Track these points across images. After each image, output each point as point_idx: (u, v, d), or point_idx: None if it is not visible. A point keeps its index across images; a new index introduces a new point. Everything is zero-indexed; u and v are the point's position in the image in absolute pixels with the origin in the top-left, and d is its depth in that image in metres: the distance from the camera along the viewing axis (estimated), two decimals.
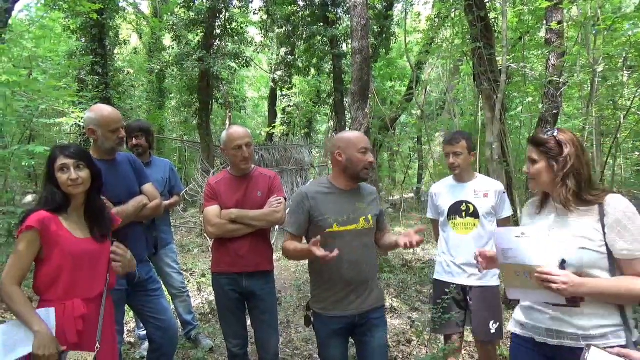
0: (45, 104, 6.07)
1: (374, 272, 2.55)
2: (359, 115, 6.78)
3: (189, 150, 16.18)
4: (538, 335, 1.94)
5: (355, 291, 2.45)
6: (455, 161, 3.11)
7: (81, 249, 2.09)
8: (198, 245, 8.95)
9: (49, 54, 12.72)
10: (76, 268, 2.05)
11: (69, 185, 2.12)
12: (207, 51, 12.30)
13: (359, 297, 2.46)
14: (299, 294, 5.74)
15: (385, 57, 15.30)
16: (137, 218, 2.82)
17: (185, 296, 4.18)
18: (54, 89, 5.93)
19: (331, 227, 2.42)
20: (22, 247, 2.00)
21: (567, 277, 1.74)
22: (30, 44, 11.96)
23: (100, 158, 2.69)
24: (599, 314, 1.82)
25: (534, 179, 1.97)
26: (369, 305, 2.48)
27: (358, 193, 2.55)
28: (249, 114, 24.25)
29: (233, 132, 2.94)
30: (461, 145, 3.11)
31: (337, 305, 2.46)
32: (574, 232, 1.86)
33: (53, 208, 2.09)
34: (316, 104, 17.68)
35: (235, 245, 2.87)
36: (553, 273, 1.74)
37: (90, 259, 2.12)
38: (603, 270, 1.82)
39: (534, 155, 1.95)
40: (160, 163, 4.05)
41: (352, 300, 2.45)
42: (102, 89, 12.03)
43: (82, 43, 12.46)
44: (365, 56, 6.75)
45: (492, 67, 6.41)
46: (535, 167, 1.94)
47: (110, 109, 2.79)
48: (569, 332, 1.85)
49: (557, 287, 1.73)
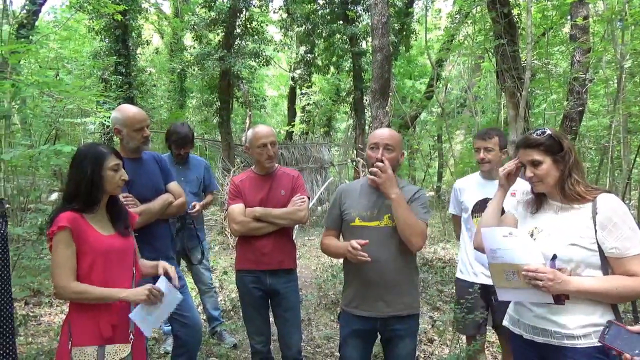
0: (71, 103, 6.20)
1: (404, 276, 2.44)
2: (379, 113, 6.77)
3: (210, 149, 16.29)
4: (525, 332, 1.95)
5: (377, 292, 2.40)
6: (486, 157, 3.06)
7: (109, 245, 2.13)
8: (219, 242, 9.04)
9: (74, 55, 13.01)
10: (106, 264, 2.10)
11: (118, 185, 2.18)
12: (228, 50, 12.38)
13: (382, 300, 2.39)
14: (320, 293, 5.75)
15: (405, 54, 15.20)
16: (163, 215, 2.87)
17: (212, 292, 4.24)
18: (80, 88, 6.05)
19: (353, 221, 2.44)
20: (62, 247, 2.03)
21: (553, 274, 1.74)
22: (56, 44, 12.22)
23: (127, 157, 2.73)
24: (583, 312, 1.81)
25: (540, 181, 1.93)
26: (394, 311, 2.40)
27: None
28: (269, 112, 24.30)
29: (259, 130, 2.97)
30: (494, 141, 3.06)
31: (360, 304, 2.44)
32: (566, 228, 1.86)
33: (85, 206, 2.11)
34: (335, 102, 17.65)
35: (259, 243, 2.90)
36: (539, 270, 1.75)
37: (117, 255, 2.16)
38: (594, 268, 1.82)
39: (536, 157, 1.91)
40: (197, 162, 4.11)
41: (373, 301, 2.40)
42: (126, 88, 12.20)
43: (106, 44, 12.66)
44: (386, 54, 6.72)
45: (515, 64, 6.32)
46: (541, 167, 1.91)
47: (136, 109, 2.85)
48: (552, 331, 1.85)
49: (543, 284, 1.74)
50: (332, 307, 5.20)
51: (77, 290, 2.02)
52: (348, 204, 2.50)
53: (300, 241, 9.19)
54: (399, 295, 2.41)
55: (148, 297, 2.07)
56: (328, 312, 5.11)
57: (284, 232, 2.97)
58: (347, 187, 2.65)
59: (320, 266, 7.19)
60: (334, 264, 6.87)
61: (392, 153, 2.41)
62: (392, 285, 2.40)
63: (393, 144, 2.41)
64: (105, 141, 12.36)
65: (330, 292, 5.69)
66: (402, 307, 2.41)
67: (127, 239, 2.24)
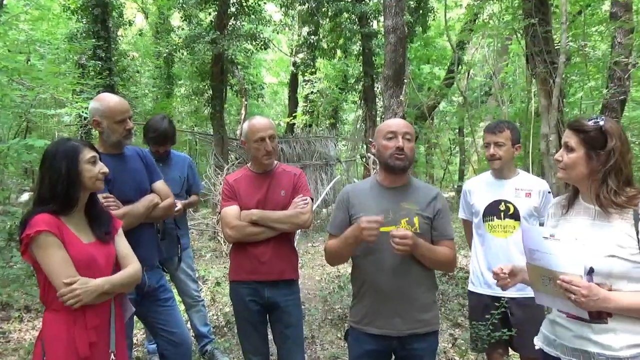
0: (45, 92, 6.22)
1: (424, 288, 2.45)
2: (392, 103, 6.76)
3: (200, 143, 16.35)
4: (563, 354, 1.94)
5: (392, 307, 2.39)
6: (496, 153, 3.06)
7: (89, 254, 2.14)
8: (211, 249, 9.05)
9: (47, 37, 13.05)
10: (86, 275, 2.10)
11: (97, 179, 2.20)
12: (221, 32, 12.39)
13: (398, 316, 2.38)
14: (325, 307, 5.75)
15: (422, 36, 15.16)
16: (148, 219, 2.87)
17: (200, 306, 4.24)
18: (54, 75, 6.07)
19: None
20: (54, 250, 2.05)
21: (588, 290, 1.73)
22: (26, 26, 12.26)
23: (107, 152, 2.75)
24: (630, 330, 1.79)
25: (565, 168, 1.95)
26: (411, 328, 2.39)
27: (406, 191, 2.49)
28: (267, 102, 24.36)
29: (256, 122, 2.97)
30: (505, 135, 3.06)
31: (372, 321, 2.43)
32: (604, 237, 1.85)
33: (60, 208, 2.12)
34: (343, 91, 17.64)
35: (256, 251, 2.90)
36: (574, 283, 1.74)
37: (98, 265, 2.17)
38: (636, 281, 1.80)
39: (571, 142, 1.92)
40: (179, 159, 4.10)
41: (388, 317, 2.39)
42: (105, 75, 12.25)
43: (83, 24, 12.70)
44: (400, 35, 6.71)
45: (548, 47, 6.29)
46: (571, 155, 1.92)
47: (117, 98, 2.86)
48: (595, 353, 1.83)
49: (575, 298, 1.73)
50: (339, 323, 5.20)
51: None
52: (357, 207, 2.48)
53: (303, 248, 9.20)
54: (418, 311, 2.40)
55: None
56: (334, 328, 5.11)
57: (285, 238, 2.97)
58: (355, 188, 2.63)
59: (326, 276, 7.19)
60: (341, 274, 6.87)
61: (411, 142, 2.44)
62: (411, 299, 2.39)
63: (411, 132, 2.45)
64: (82, 135, 12.42)
65: (336, 306, 5.69)
66: (421, 323, 2.41)
67: (108, 247, 2.25)
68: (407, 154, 2.41)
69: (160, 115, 4.06)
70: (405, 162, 2.41)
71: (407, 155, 2.41)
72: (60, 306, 2.08)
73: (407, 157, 2.41)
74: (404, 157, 2.40)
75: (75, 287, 2.02)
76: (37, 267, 2.10)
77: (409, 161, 2.43)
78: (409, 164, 2.45)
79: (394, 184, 2.49)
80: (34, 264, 2.11)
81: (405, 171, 2.48)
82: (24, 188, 11.55)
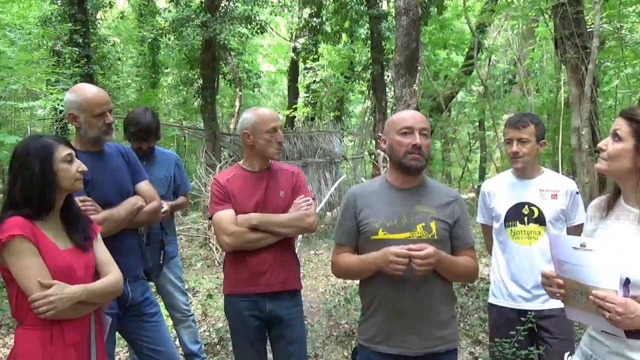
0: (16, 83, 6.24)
1: (443, 303, 2.44)
2: (404, 92, 6.76)
3: (190, 139, 16.38)
4: None
5: (408, 323, 2.38)
6: (520, 150, 3.04)
7: (67, 262, 2.15)
8: (202, 257, 9.07)
9: (18, 21, 13.08)
10: None
11: (76, 179, 2.21)
12: (212, 14, 12.39)
13: (413, 333, 2.37)
14: (330, 321, 5.76)
15: (437, 18, 15.15)
16: (131, 224, 2.87)
17: (190, 321, 4.24)
18: (26, 64, 6.09)
19: (376, 233, 2.40)
20: (27, 255, 2.05)
21: (624, 307, 1.72)
22: None
23: (85, 150, 2.75)
24: None
25: (607, 159, 1.94)
26: (429, 347, 2.37)
27: (421, 193, 2.48)
28: (264, 92, 24.39)
29: (265, 111, 3.02)
30: (529, 130, 3.04)
31: (385, 339, 2.42)
32: None
33: (35, 213, 2.12)
34: (349, 80, 17.66)
35: (256, 259, 2.89)
36: (608, 299, 1.73)
37: (76, 274, 2.17)
38: None
39: (621, 132, 1.91)
40: (164, 157, 4.09)
41: (403, 335, 2.38)
42: (83, 63, 12.29)
43: (58, 7, 12.75)
44: (413, 17, 6.71)
45: (579, 29, 6.27)
46: (617, 146, 1.91)
47: (95, 89, 2.86)
48: None
49: (610, 316, 1.73)
50: (345, 340, 5.20)
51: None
52: (367, 212, 2.46)
53: (305, 256, 9.20)
54: (436, 327, 2.39)
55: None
56: (340, 346, 5.11)
57: (286, 244, 2.98)
58: (362, 189, 2.62)
59: (331, 288, 7.19)
60: (347, 285, 6.87)
61: (428, 139, 2.44)
62: (428, 314, 2.38)
63: (428, 128, 2.45)
64: (57, 130, 12.47)
65: (342, 320, 5.69)
66: (440, 341, 2.40)
67: (87, 254, 2.26)
68: (424, 153, 2.39)
69: (142, 108, 4.05)
70: (423, 161, 2.40)
71: (424, 154, 2.40)
72: (35, 321, 2.08)
73: (424, 157, 2.40)
74: (421, 156, 2.39)
75: (48, 293, 2.01)
76: (8, 278, 2.10)
77: (426, 160, 2.42)
78: (426, 164, 2.44)
79: (407, 185, 2.48)
80: (4, 273, 2.11)
81: (422, 171, 2.47)
82: None
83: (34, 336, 2.09)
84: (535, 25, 11.38)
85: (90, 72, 12.56)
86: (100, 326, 2.34)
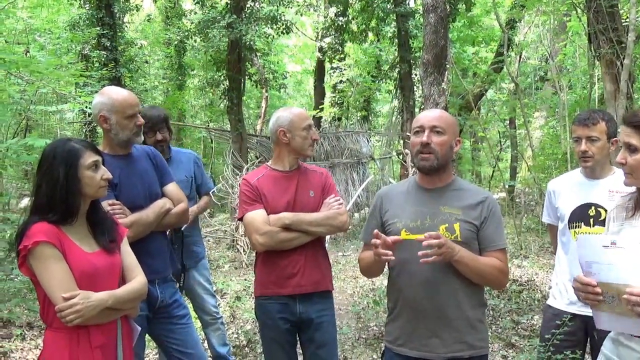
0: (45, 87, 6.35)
1: (468, 306, 2.39)
2: (433, 91, 6.71)
3: (216, 141, 16.51)
4: None
5: (429, 326, 2.36)
6: (589, 149, 2.90)
7: (93, 266, 2.17)
8: (229, 259, 9.13)
9: (47, 26, 13.36)
10: (89, 288, 2.14)
11: (100, 187, 2.23)
12: (238, 15, 12.47)
13: (436, 336, 2.35)
14: (359, 324, 5.74)
15: (466, 14, 15.01)
16: (159, 227, 2.90)
17: (219, 324, 4.26)
18: (55, 68, 6.19)
19: (398, 233, 2.38)
20: (53, 262, 2.08)
21: None
22: (25, 13, 12.56)
23: (114, 153, 2.79)
24: None
25: (631, 172, 1.91)
26: (452, 352, 2.35)
27: (448, 194, 2.45)
28: (291, 93, 24.47)
29: (299, 110, 3.10)
30: (599, 127, 2.90)
31: (407, 342, 2.41)
32: None
33: (60, 218, 2.15)
34: (376, 79, 17.58)
35: (287, 260, 2.89)
36: None
37: (102, 277, 2.20)
38: None
39: (633, 141, 1.87)
40: (183, 157, 4.07)
41: (424, 338, 2.36)
42: (111, 66, 12.45)
43: (86, 11, 12.94)
44: (441, 14, 6.66)
45: (614, 24, 6.17)
46: (636, 157, 1.88)
47: (125, 91, 2.91)
48: None
49: None
50: (374, 343, 5.18)
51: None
52: (391, 212, 2.48)
53: (333, 257, 9.19)
54: (460, 331, 2.36)
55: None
56: (369, 349, 5.09)
57: (318, 244, 2.99)
58: (390, 191, 2.65)
59: (359, 289, 7.17)
60: (376, 287, 6.84)
61: (442, 136, 2.37)
62: (450, 317, 2.35)
63: (443, 125, 2.38)
64: (86, 133, 12.67)
65: (371, 323, 5.67)
66: (465, 346, 2.36)
67: (114, 256, 2.28)
68: (436, 151, 2.35)
69: (149, 105, 4.06)
70: (432, 161, 2.36)
71: (436, 153, 2.35)
72: (61, 324, 2.10)
73: (436, 155, 2.35)
74: (430, 154, 2.35)
75: (75, 302, 2.04)
76: (36, 282, 2.14)
77: (437, 160, 2.37)
78: (439, 163, 2.38)
79: (433, 185, 2.46)
80: (33, 277, 2.14)
81: (436, 172, 2.42)
82: (24, 192, 11.81)
83: (61, 338, 2.12)
84: (568, 20, 11.23)
85: (118, 75, 12.74)
86: (129, 328, 2.37)
